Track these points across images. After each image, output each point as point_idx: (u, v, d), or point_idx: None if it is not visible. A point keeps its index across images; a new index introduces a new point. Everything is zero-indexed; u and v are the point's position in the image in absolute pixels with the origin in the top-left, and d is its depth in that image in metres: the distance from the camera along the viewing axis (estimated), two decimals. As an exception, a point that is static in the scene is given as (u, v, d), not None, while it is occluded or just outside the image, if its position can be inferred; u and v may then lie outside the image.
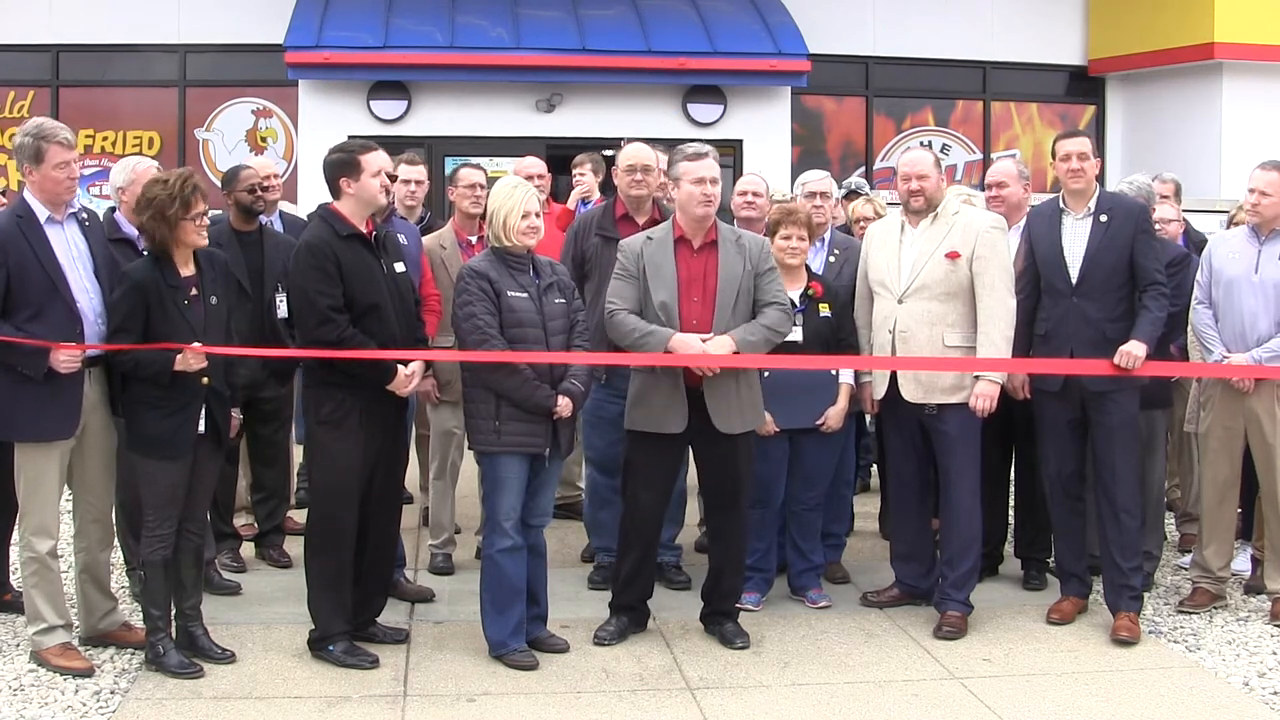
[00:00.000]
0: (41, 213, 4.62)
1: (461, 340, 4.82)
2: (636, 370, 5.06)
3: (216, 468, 4.98)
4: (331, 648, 4.79)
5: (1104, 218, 5.26)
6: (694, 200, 4.96)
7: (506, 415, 4.74)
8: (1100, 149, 9.79)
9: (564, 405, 4.79)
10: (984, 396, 5.17)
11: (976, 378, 5.18)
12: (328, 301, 4.65)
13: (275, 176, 6.26)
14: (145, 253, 4.74)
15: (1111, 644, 5.15)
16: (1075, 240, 5.28)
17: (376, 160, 4.82)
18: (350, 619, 4.86)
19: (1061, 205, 5.37)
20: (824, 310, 5.49)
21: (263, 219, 5.99)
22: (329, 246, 4.69)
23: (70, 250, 4.67)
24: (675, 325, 4.93)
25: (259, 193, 5.87)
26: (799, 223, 5.48)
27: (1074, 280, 5.26)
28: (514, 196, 4.83)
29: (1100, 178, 5.46)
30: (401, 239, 5.27)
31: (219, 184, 6.25)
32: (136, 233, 5.07)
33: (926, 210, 5.33)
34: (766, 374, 5.22)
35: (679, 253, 5.04)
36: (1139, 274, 5.22)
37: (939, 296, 5.23)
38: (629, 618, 5.18)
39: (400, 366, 4.78)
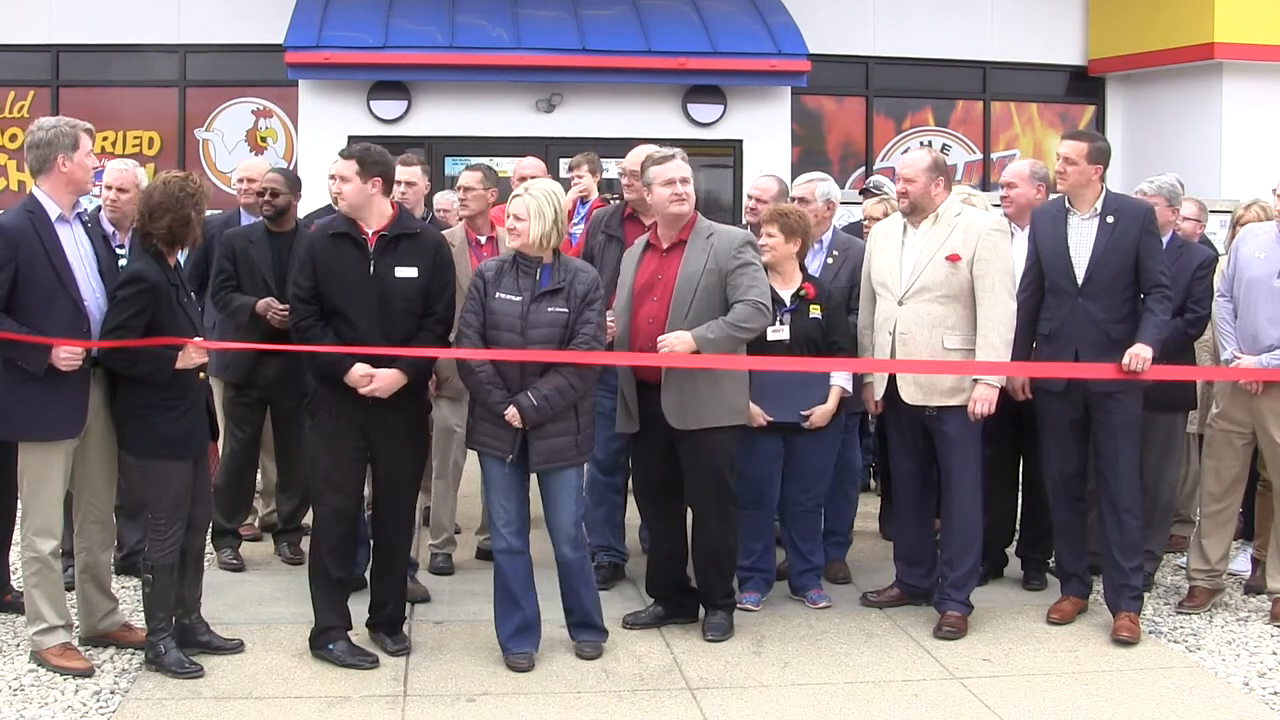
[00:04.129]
0: (53, 210, 4.64)
1: (455, 337, 4.92)
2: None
3: (209, 461, 5.06)
4: (331, 647, 4.79)
5: (1110, 218, 5.23)
6: (666, 201, 5.03)
7: (479, 415, 4.81)
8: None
9: (510, 414, 4.64)
10: (982, 401, 5.14)
11: (975, 381, 5.16)
12: (294, 290, 4.85)
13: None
14: (120, 249, 4.83)
15: (1111, 644, 5.15)
16: (1081, 240, 5.26)
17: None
18: (349, 619, 4.86)
19: (1067, 205, 5.35)
20: (814, 312, 5.45)
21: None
22: (314, 241, 4.88)
23: (78, 249, 4.69)
24: (625, 331, 5.07)
25: (269, 199, 5.86)
26: (781, 226, 5.45)
27: (1080, 280, 5.24)
28: (509, 200, 4.86)
29: (1100, 178, 5.44)
30: None
31: (234, 186, 6.28)
32: (113, 229, 5.45)
33: (912, 212, 5.32)
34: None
35: (646, 255, 5.15)
36: (1144, 276, 5.19)
37: (939, 299, 5.22)
38: (664, 608, 5.27)
39: (359, 365, 4.69)
